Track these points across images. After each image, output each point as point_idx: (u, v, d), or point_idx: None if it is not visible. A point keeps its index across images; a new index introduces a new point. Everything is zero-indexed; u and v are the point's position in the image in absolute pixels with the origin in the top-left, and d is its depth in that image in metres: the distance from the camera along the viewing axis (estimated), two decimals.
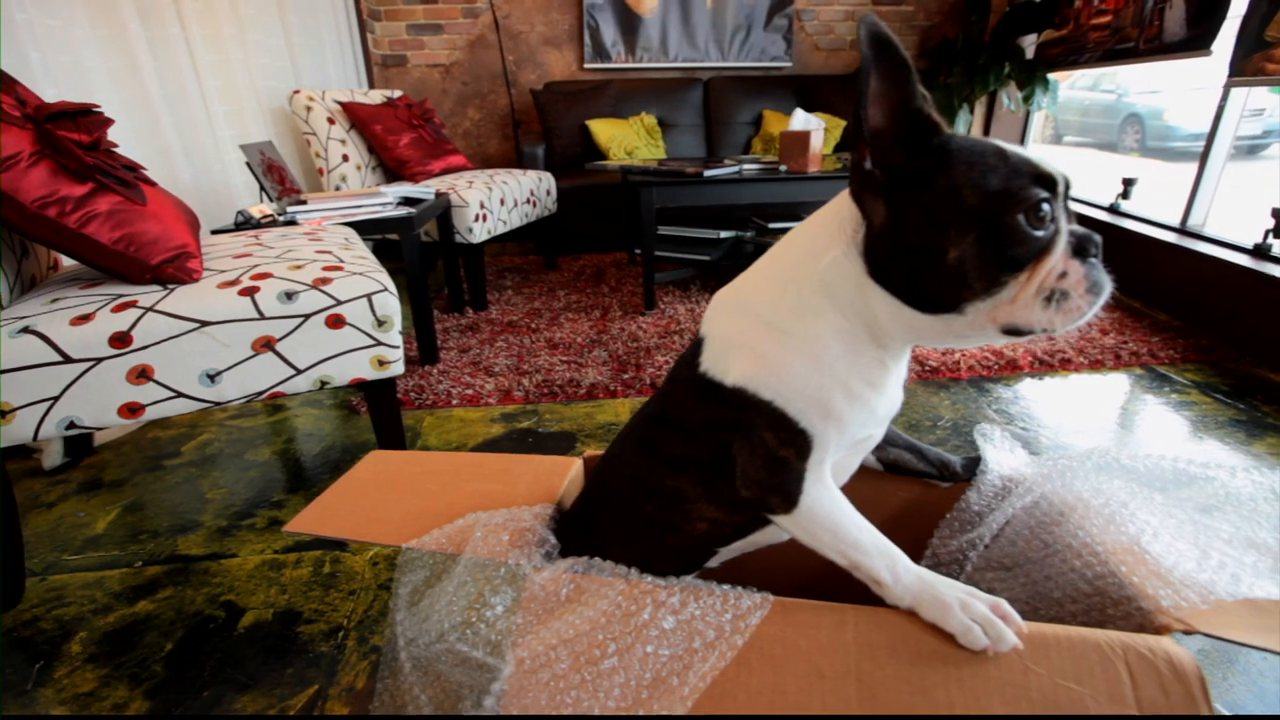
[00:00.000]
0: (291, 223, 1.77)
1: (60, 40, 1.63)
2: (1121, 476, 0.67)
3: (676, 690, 0.48)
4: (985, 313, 0.47)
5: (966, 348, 1.55)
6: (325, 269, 1.21)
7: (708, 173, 2.14)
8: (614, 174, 2.78)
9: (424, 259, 3.03)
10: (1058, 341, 2.04)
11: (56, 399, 1.01)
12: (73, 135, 1.05)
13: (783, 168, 2.26)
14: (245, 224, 1.77)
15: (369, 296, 1.19)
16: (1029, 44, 3.46)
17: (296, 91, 2.42)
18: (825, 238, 0.51)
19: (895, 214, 0.47)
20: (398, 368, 1.26)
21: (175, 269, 1.12)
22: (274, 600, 1.09)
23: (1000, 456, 0.69)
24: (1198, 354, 1.96)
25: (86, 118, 1.09)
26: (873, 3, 3.77)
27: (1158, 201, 2.54)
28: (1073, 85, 7.17)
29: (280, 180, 1.97)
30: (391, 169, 2.63)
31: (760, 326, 0.52)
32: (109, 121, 1.14)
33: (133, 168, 1.18)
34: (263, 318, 1.11)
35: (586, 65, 3.71)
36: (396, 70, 3.65)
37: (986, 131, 3.92)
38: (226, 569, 1.17)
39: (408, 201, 2.00)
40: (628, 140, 3.35)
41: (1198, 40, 2.32)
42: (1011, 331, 0.48)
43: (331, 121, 2.45)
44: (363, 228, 1.80)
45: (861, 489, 0.73)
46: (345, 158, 2.48)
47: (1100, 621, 0.56)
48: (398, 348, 1.25)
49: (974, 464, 0.69)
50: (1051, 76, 3.29)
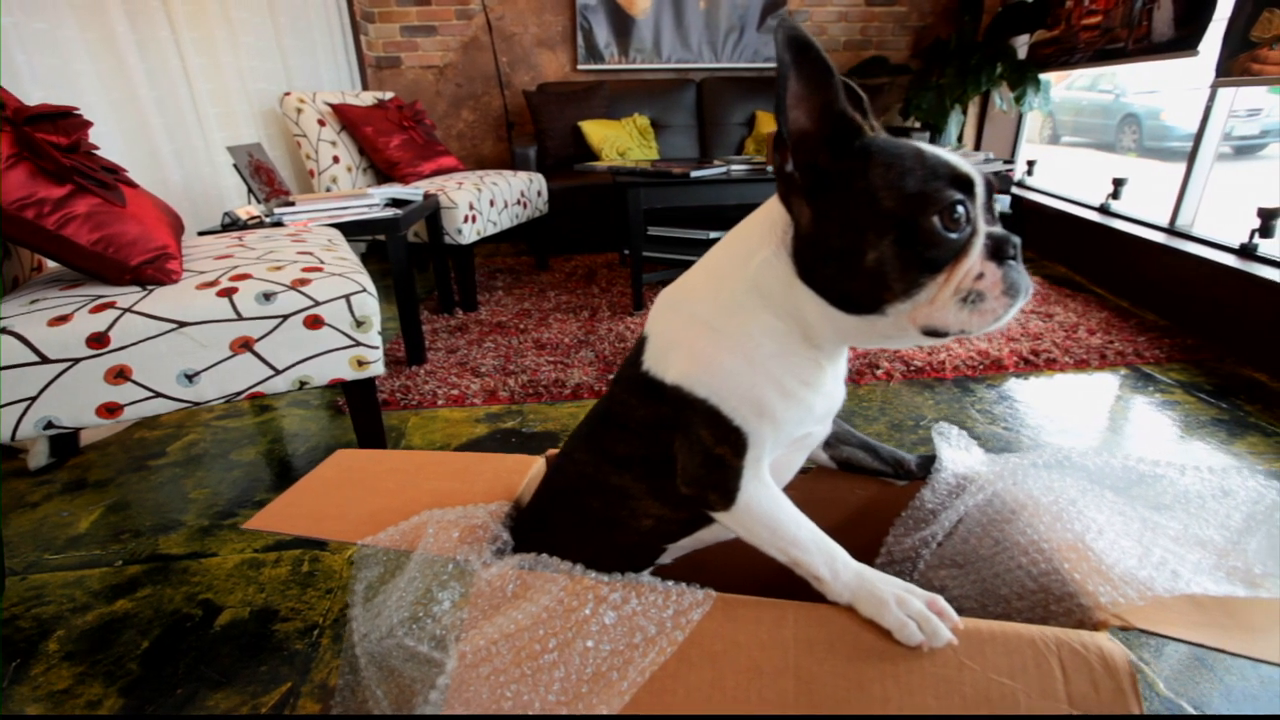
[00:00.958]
0: (278, 224, 1.78)
1: (47, 43, 1.64)
2: (1074, 475, 0.67)
3: (615, 685, 0.48)
4: (906, 314, 0.48)
5: (896, 348, 1.55)
6: (305, 270, 1.21)
7: (695, 173, 2.14)
8: (603, 175, 2.79)
9: (415, 260, 3.05)
10: (1044, 341, 2.04)
11: (34, 399, 1.02)
12: (51, 138, 1.06)
13: (770, 168, 2.26)
14: (232, 225, 1.78)
15: (348, 297, 1.20)
16: (1022, 44, 3.46)
17: (287, 94, 2.43)
18: (757, 239, 0.52)
19: (819, 216, 0.48)
20: (377, 368, 1.27)
21: (154, 270, 1.13)
22: (251, 599, 1.10)
23: (956, 455, 0.70)
24: (1183, 353, 1.96)
25: (66, 120, 1.10)
26: (866, 3, 3.78)
27: (1155, 201, 2.53)
28: (1070, 85, 7.17)
29: (268, 182, 1.98)
30: (382, 170, 2.64)
31: (697, 326, 0.53)
32: (88, 124, 1.15)
33: (113, 170, 1.19)
34: (240, 318, 1.12)
35: (580, 66, 3.72)
36: (390, 72, 3.66)
37: (980, 132, 3.92)
38: (206, 568, 1.18)
39: (396, 203, 2.01)
40: (620, 141, 3.36)
41: (1185, 41, 2.33)
42: (931, 333, 0.48)
43: (322, 123, 2.46)
44: (350, 229, 1.81)
45: (820, 488, 0.74)
46: (336, 159, 2.49)
47: (1044, 618, 0.57)
48: (377, 348, 1.26)
49: (929, 462, 0.69)
50: (1044, 76, 3.29)
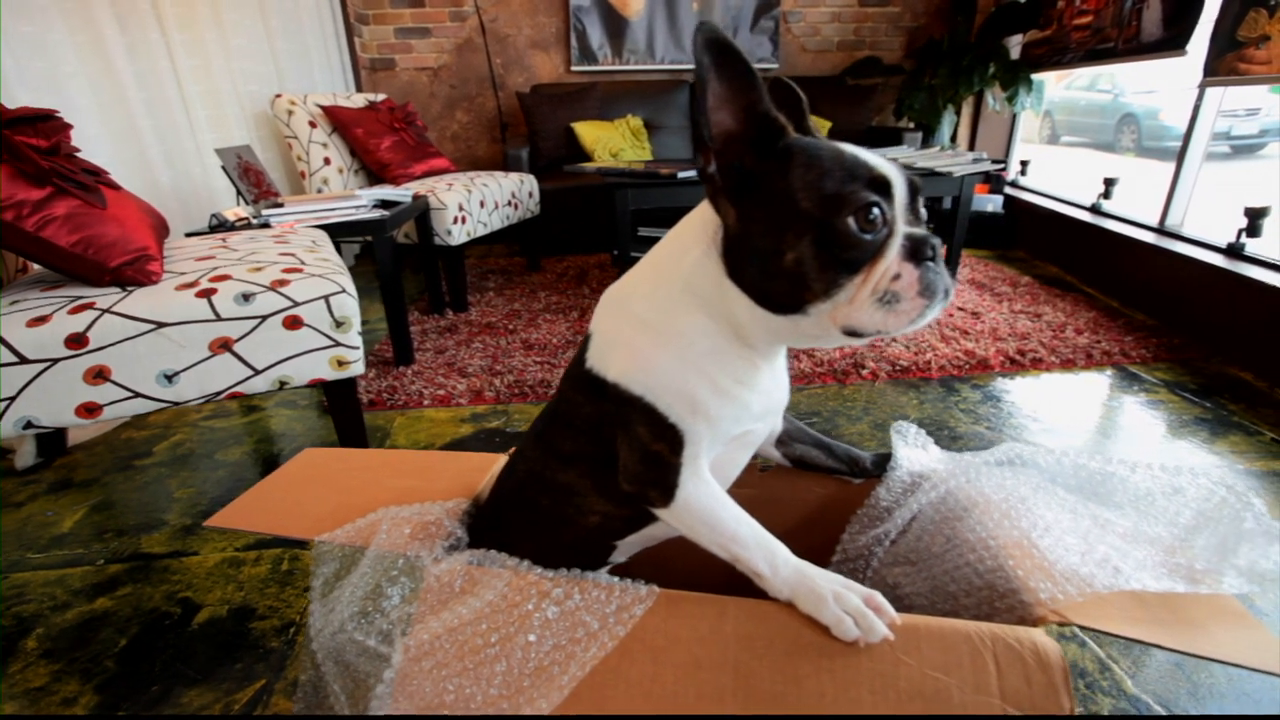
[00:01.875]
0: (265, 225, 1.79)
1: (35, 46, 1.65)
2: (1030, 473, 0.68)
3: (556, 679, 0.49)
4: (827, 314, 0.48)
5: (824, 347, 1.53)
6: (285, 271, 1.22)
7: (682, 174, 2.15)
8: (592, 176, 2.79)
9: (408, 261, 3.05)
10: (1031, 340, 2.05)
11: (13, 399, 1.03)
12: (31, 140, 1.07)
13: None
14: (219, 227, 1.79)
15: (327, 298, 1.21)
16: (1015, 44, 3.46)
17: (278, 96, 2.45)
18: (690, 238, 0.53)
19: (743, 217, 0.49)
20: (357, 368, 1.28)
21: (134, 271, 1.14)
22: (230, 597, 1.11)
23: (912, 453, 0.70)
24: (1169, 353, 1.96)
25: (45, 123, 1.11)
26: (859, 4, 3.78)
27: (1151, 201, 2.53)
28: (1069, 85, 7.16)
29: (257, 183, 1.99)
30: (373, 172, 2.65)
31: (635, 324, 0.54)
32: (68, 126, 1.16)
33: (94, 172, 1.20)
34: (219, 319, 1.13)
35: (573, 68, 3.73)
36: (385, 74, 3.67)
37: (974, 132, 3.92)
38: (187, 566, 1.19)
39: (384, 204, 2.02)
40: (613, 142, 3.37)
41: (1173, 40, 2.33)
42: (851, 333, 0.48)
43: (313, 125, 2.47)
44: (337, 231, 1.82)
45: (779, 486, 0.75)
46: (327, 161, 2.50)
47: (989, 614, 0.57)
48: (357, 348, 1.27)
49: (884, 460, 0.70)
50: (1039, 76, 3.30)
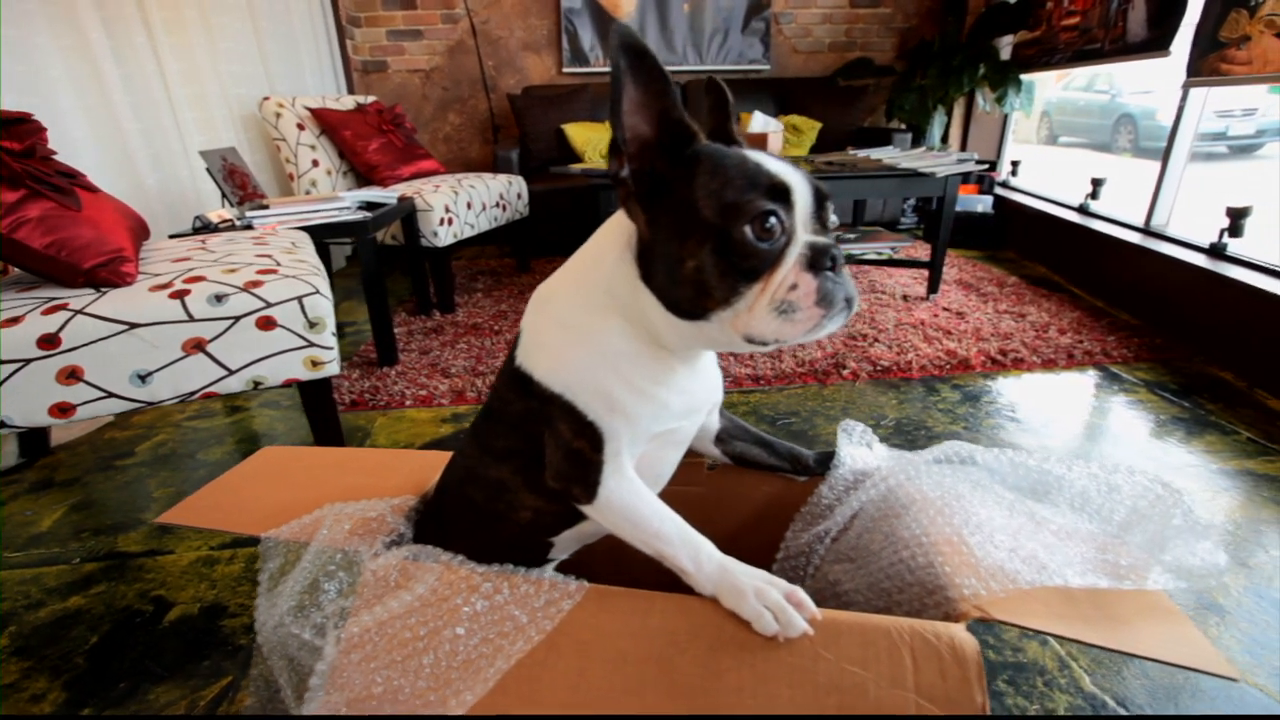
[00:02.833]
0: (249, 227, 1.80)
1: (19, 49, 1.67)
2: (970, 471, 0.69)
3: (483, 671, 0.50)
4: (729, 321, 0.48)
5: (733, 352, 1.51)
6: (260, 272, 1.23)
7: None
8: (578, 177, 2.81)
9: (396, 263, 3.06)
10: (1013, 340, 2.05)
11: None
12: (4, 143, 1.08)
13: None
14: (203, 229, 1.81)
15: (300, 299, 1.22)
16: (1005, 45, 3.47)
17: (266, 98, 2.46)
18: (608, 242, 0.54)
19: (652, 222, 0.49)
20: (332, 368, 1.29)
21: (108, 273, 1.15)
22: (202, 595, 1.12)
23: (855, 451, 0.71)
24: (1151, 353, 1.97)
25: (20, 126, 1.13)
26: (850, 5, 3.79)
27: (1147, 202, 2.52)
28: (1067, 86, 7.15)
29: (242, 185, 2.01)
30: (362, 174, 2.66)
31: (556, 323, 0.55)
32: (42, 129, 1.18)
33: (70, 174, 1.21)
34: (192, 320, 1.14)
35: (565, 69, 3.74)
36: (377, 76, 3.69)
37: (965, 133, 3.93)
38: (161, 565, 1.20)
39: (368, 206, 2.04)
40: (603, 144, 3.38)
41: (1157, 41, 2.33)
42: (751, 341, 0.49)
43: (301, 127, 2.49)
44: (319, 232, 1.83)
45: (725, 484, 0.76)
46: (315, 163, 2.51)
47: (919, 610, 0.58)
48: (332, 349, 1.28)
49: (828, 458, 0.70)
50: (1027, 77, 3.30)
